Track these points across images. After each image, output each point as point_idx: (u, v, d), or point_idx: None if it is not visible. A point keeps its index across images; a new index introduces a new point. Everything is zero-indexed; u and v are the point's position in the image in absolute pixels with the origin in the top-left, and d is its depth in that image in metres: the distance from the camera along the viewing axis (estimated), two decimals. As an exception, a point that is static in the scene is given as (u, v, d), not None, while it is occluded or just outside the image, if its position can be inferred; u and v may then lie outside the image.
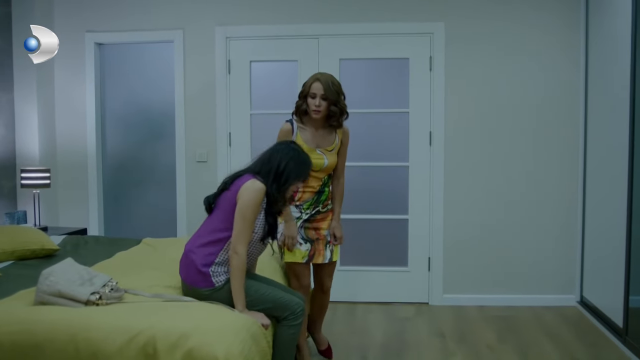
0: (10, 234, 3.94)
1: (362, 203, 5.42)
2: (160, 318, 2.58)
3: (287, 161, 3.12)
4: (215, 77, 5.38)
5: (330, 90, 3.63)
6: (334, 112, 3.68)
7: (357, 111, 5.32)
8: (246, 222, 2.97)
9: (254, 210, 2.99)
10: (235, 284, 2.94)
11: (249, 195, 2.99)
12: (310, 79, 3.69)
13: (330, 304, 5.29)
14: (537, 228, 5.25)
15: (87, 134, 5.53)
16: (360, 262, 5.44)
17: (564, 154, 5.21)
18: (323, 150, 3.74)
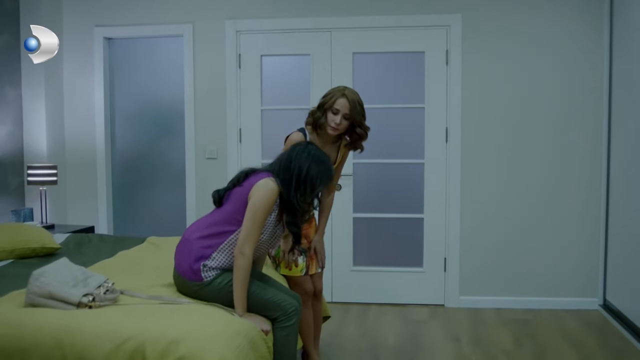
0: (11, 232, 3.85)
1: (376, 201, 5.26)
2: (151, 323, 2.45)
3: (308, 164, 2.92)
4: (225, 71, 5.26)
5: (356, 111, 3.31)
6: (359, 134, 3.39)
7: (371, 106, 5.15)
8: (256, 223, 2.82)
9: (266, 212, 2.84)
10: (238, 285, 2.79)
11: (262, 196, 2.83)
12: (336, 93, 3.33)
13: (343, 305, 5.18)
14: (557, 228, 5.04)
15: (96, 130, 5.44)
16: (374, 262, 5.28)
17: (585, 152, 4.99)
18: None
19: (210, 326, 2.45)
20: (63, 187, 5.42)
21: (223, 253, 2.89)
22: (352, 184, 5.21)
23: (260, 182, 2.87)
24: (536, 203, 5.05)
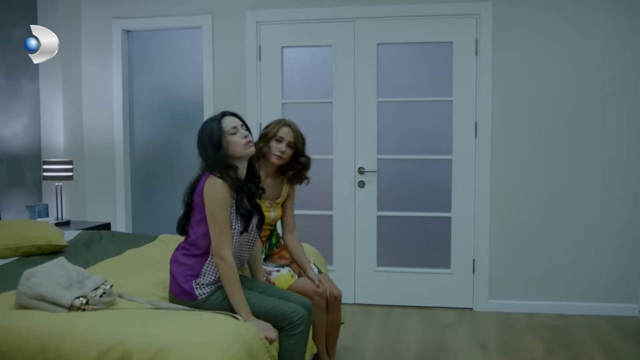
0: (17, 229, 3.73)
1: (401, 199, 5.03)
2: (141, 329, 2.27)
3: (202, 129, 2.78)
4: (245, 64, 5.08)
5: (299, 139, 3.36)
6: (302, 164, 3.41)
7: (396, 100, 4.96)
8: (219, 223, 2.64)
9: (223, 207, 2.65)
10: (231, 291, 2.63)
11: (211, 194, 2.65)
12: (278, 123, 3.37)
13: (365, 307, 4.97)
14: (594, 229, 4.73)
15: (114, 125, 5.32)
16: (399, 263, 5.05)
17: (625, 150, 4.67)
18: (272, 203, 3.41)
19: (205, 334, 2.26)
20: (81, 182, 5.32)
21: (212, 267, 2.73)
22: (376, 180, 4.99)
23: (204, 185, 2.69)
24: (571, 202, 4.75)
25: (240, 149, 2.74)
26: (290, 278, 3.30)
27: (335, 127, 5.02)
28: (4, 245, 3.60)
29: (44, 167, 4.85)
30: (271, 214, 3.38)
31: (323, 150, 5.07)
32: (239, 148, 2.74)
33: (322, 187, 5.09)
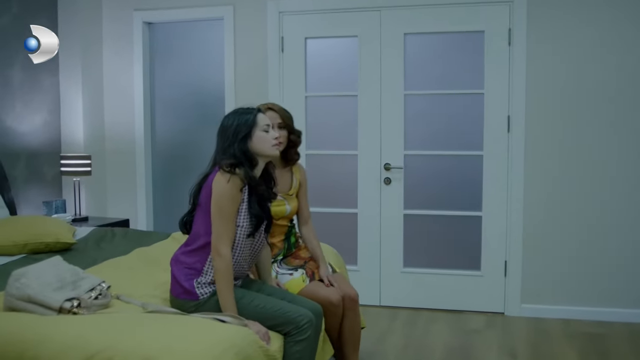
0: (25, 225, 3.63)
1: (429, 197, 4.79)
2: (128, 335, 2.11)
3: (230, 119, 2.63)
4: (267, 56, 4.91)
5: (286, 117, 3.18)
6: (295, 141, 3.22)
7: (424, 93, 4.73)
8: (223, 218, 2.50)
9: (230, 202, 2.51)
10: (222, 289, 2.49)
11: (219, 188, 2.52)
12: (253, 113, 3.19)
13: (391, 310, 4.75)
14: (635, 231, 4.42)
15: (135, 119, 5.21)
16: (426, 264, 4.81)
17: (672, 142, 4.35)
18: (284, 196, 3.22)
19: (195, 343, 2.09)
20: (103, 178, 5.23)
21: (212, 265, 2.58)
22: (402, 177, 4.76)
23: (214, 179, 2.55)
24: (611, 202, 4.44)
25: (268, 147, 2.62)
26: (301, 282, 3.10)
27: (360, 121, 4.81)
28: (11, 242, 3.50)
29: (62, 162, 4.76)
30: (286, 207, 3.20)
31: (347, 146, 4.87)
32: (267, 146, 2.62)
33: (346, 184, 4.90)
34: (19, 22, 4.61)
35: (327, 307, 3.04)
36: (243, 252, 2.63)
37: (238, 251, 2.60)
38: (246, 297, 2.57)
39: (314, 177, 4.93)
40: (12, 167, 4.56)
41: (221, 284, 2.49)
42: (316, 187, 4.95)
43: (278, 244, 3.23)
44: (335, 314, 3.08)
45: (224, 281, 2.49)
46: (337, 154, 4.94)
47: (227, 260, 2.48)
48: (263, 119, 2.64)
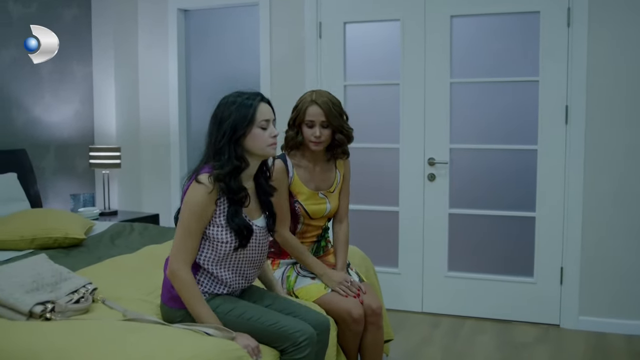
0: (35, 219, 3.47)
1: (477, 195, 4.38)
2: (90, 349, 1.88)
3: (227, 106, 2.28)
4: (304, 42, 4.61)
5: (332, 115, 2.79)
6: (340, 141, 2.87)
7: (472, 81, 4.32)
8: (185, 231, 2.22)
9: (195, 217, 2.22)
10: (188, 302, 2.21)
11: (189, 196, 2.24)
12: (304, 102, 2.82)
13: (433, 317, 4.37)
14: None
15: (170, 110, 5.03)
16: (473, 268, 4.41)
17: None
18: (325, 193, 2.92)
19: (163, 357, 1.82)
20: (136, 170, 5.07)
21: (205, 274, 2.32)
22: (448, 173, 4.37)
23: (188, 190, 2.27)
24: (685, 203, 3.92)
25: (261, 147, 2.30)
26: (322, 289, 2.78)
27: (402, 112, 4.44)
28: (18, 237, 3.35)
29: (91, 155, 4.63)
30: (327, 206, 2.91)
31: (389, 139, 4.51)
32: (261, 146, 2.30)
33: (387, 180, 4.54)
34: (49, 10, 4.50)
35: (346, 320, 2.72)
36: (238, 266, 2.34)
37: (228, 267, 2.31)
38: (237, 309, 2.28)
39: (352, 172, 4.60)
40: (40, 158, 4.45)
41: (186, 300, 2.22)
42: (354, 182, 4.58)
43: (307, 244, 2.94)
44: (355, 329, 2.74)
45: (188, 296, 2.21)
46: (378, 148, 4.59)
47: (183, 279, 2.20)
48: (262, 112, 2.29)
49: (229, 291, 2.36)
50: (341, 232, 2.99)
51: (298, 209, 2.86)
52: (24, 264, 2.43)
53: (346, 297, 2.76)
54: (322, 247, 3.01)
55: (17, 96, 4.27)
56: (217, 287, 2.32)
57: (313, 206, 2.86)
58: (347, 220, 3.03)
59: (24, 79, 4.31)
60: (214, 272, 2.30)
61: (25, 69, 4.30)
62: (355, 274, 2.96)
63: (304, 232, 2.92)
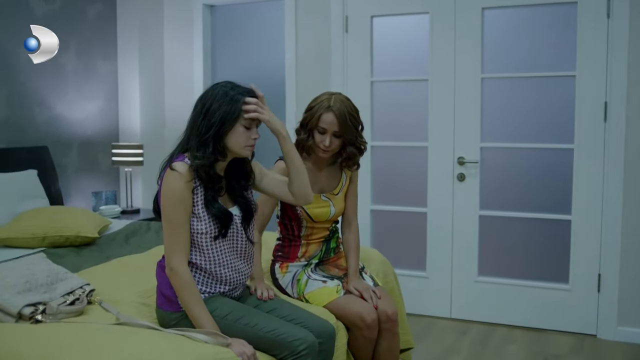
0: (48, 217, 3.40)
1: (509, 197, 4.17)
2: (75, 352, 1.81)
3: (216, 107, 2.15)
4: (330, 37, 4.46)
5: (347, 126, 2.62)
6: (351, 154, 2.71)
7: (504, 76, 4.11)
8: (170, 225, 2.12)
9: (177, 205, 2.11)
10: (187, 305, 2.11)
11: (165, 187, 2.14)
12: (320, 107, 2.63)
13: (461, 324, 4.17)
14: None
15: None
16: (505, 273, 4.19)
17: None
18: (328, 196, 2.76)
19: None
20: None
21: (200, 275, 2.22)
22: (478, 173, 4.17)
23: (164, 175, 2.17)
24: None
25: (239, 146, 2.18)
26: (334, 293, 2.64)
27: (431, 109, 4.26)
28: (30, 235, 3.29)
29: (113, 152, 4.56)
30: (331, 209, 2.75)
31: (417, 137, 4.34)
32: (239, 145, 2.18)
33: (415, 180, 4.37)
34: (73, 6, 4.45)
35: (358, 326, 2.58)
36: (224, 259, 2.21)
37: (211, 258, 2.19)
38: (233, 314, 2.16)
39: (379, 171, 4.47)
40: (62, 155, 4.41)
41: (184, 301, 2.12)
42: (381, 182, 4.48)
43: (314, 246, 2.80)
44: (367, 336, 2.59)
45: (186, 297, 2.11)
46: (405, 146, 4.41)
47: (181, 276, 2.10)
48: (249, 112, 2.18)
49: (228, 289, 2.25)
50: (351, 236, 2.84)
51: (300, 213, 2.72)
52: (18, 263, 2.36)
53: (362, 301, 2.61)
54: (333, 248, 2.86)
55: (40, 93, 4.24)
56: (213, 285, 2.22)
57: (316, 210, 2.72)
58: (356, 223, 2.87)
59: (46, 75, 4.28)
60: (205, 267, 2.19)
61: (48, 66, 4.26)
62: (369, 278, 2.81)
63: (308, 235, 2.78)
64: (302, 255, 2.79)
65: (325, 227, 2.81)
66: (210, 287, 2.21)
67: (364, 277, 2.80)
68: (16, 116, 4.08)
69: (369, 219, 4.46)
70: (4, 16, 3.98)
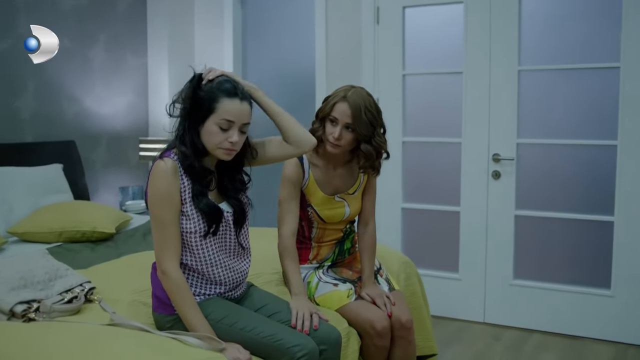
0: (66, 212, 3.38)
1: (546, 196, 3.95)
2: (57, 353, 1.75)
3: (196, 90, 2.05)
4: (361, 29, 4.31)
5: (360, 119, 2.41)
6: (367, 153, 2.47)
7: (543, 68, 3.91)
8: (159, 224, 2.00)
9: (165, 203, 1.99)
10: (180, 308, 2.00)
11: (152, 184, 2.02)
12: (335, 96, 2.47)
13: (495, 329, 3.98)
14: None
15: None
16: (542, 276, 3.97)
17: None
18: (343, 196, 2.59)
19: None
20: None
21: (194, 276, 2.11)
22: (514, 171, 3.95)
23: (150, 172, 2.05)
24: None
25: (211, 147, 2.04)
26: (345, 298, 2.51)
27: (465, 103, 4.06)
28: (47, 229, 3.27)
29: (141, 147, 4.53)
30: (345, 210, 2.61)
31: (450, 132, 4.16)
32: (211, 145, 2.03)
33: (447, 177, 4.19)
34: (102, 0, 4.43)
35: (369, 333, 2.44)
36: (212, 257, 2.10)
37: (201, 258, 2.08)
38: (229, 318, 2.04)
39: (410, 167, 4.30)
40: (90, 150, 4.40)
41: (176, 303, 2.01)
42: (413, 179, 4.32)
43: (326, 249, 2.66)
44: (378, 344, 2.44)
45: (178, 299, 2.00)
46: (438, 142, 4.23)
47: (173, 277, 1.99)
48: (227, 110, 2.00)
49: (225, 290, 2.14)
50: (366, 236, 2.67)
51: (311, 214, 2.58)
52: (17, 259, 2.31)
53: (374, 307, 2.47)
54: (347, 249, 2.72)
55: (68, 87, 4.24)
56: (207, 287, 2.11)
57: (328, 211, 2.57)
58: (374, 223, 2.71)
59: (75, 70, 4.27)
60: (196, 268, 2.09)
61: (76, 60, 4.26)
62: (384, 282, 2.66)
63: (320, 237, 2.63)
64: (314, 258, 2.66)
65: (339, 229, 2.67)
66: (205, 289, 2.11)
67: (379, 281, 2.65)
68: (44, 110, 4.09)
69: (399, 217, 4.30)
70: (33, 10, 3.98)
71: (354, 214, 2.66)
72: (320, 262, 2.65)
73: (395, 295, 2.59)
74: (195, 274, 2.10)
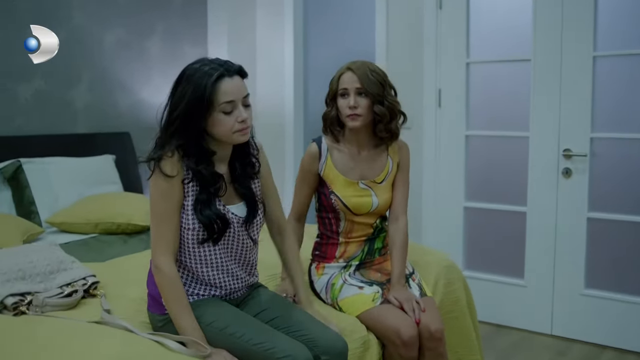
0: (104, 203, 3.35)
1: (623, 197, 3.55)
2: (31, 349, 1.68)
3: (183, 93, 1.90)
4: (423, 15, 4.04)
5: (369, 80, 2.34)
6: (381, 114, 2.35)
7: (620, 53, 3.51)
8: (156, 217, 1.89)
9: (162, 198, 1.87)
10: (171, 308, 1.87)
11: (151, 182, 1.91)
12: (338, 71, 2.42)
13: (563, 342, 3.64)
14: None
15: (285, 92, 4.72)
16: (617, 287, 3.56)
17: None
18: (369, 184, 2.40)
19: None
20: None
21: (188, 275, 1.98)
22: (587, 169, 3.57)
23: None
24: None
25: (226, 135, 1.91)
26: (369, 302, 2.29)
27: (533, 93, 3.71)
28: (84, 220, 3.26)
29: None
30: (372, 200, 2.42)
31: (516, 126, 3.82)
32: (225, 133, 1.90)
33: (513, 174, 3.87)
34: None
35: (394, 343, 2.21)
36: (216, 261, 1.96)
37: (205, 260, 1.94)
38: (219, 322, 1.88)
39: (474, 163, 4.00)
40: (145, 142, 4.31)
41: (168, 303, 1.87)
42: (476, 176, 4.01)
43: (354, 246, 2.46)
44: (404, 354, 2.20)
45: (170, 299, 1.86)
46: (503, 136, 3.90)
47: (166, 273, 1.86)
48: (224, 92, 1.86)
49: (221, 293, 1.98)
50: (397, 233, 2.44)
51: (335, 202, 2.39)
52: (20, 250, 2.25)
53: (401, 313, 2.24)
54: (378, 249, 2.50)
55: (122, 78, 4.22)
56: (202, 288, 1.97)
57: (354, 199, 2.38)
58: (405, 219, 2.48)
59: (130, 60, 4.25)
60: (191, 268, 1.95)
61: (132, 50, 4.24)
62: (416, 287, 2.41)
63: (348, 232, 2.44)
64: (341, 256, 2.46)
65: (369, 224, 2.46)
66: (199, 289, 1.96)
67: (410, 285, 2.41)
68: (99, 101, 4.09)
69: (462, 217, 4.00)
70: (90, 2, 3.98)
71: (383, 206, 2.46)
72: (347, 261, 2.45)
73: (426, 301, 2.34)
74: (190, 273, 1.96)
